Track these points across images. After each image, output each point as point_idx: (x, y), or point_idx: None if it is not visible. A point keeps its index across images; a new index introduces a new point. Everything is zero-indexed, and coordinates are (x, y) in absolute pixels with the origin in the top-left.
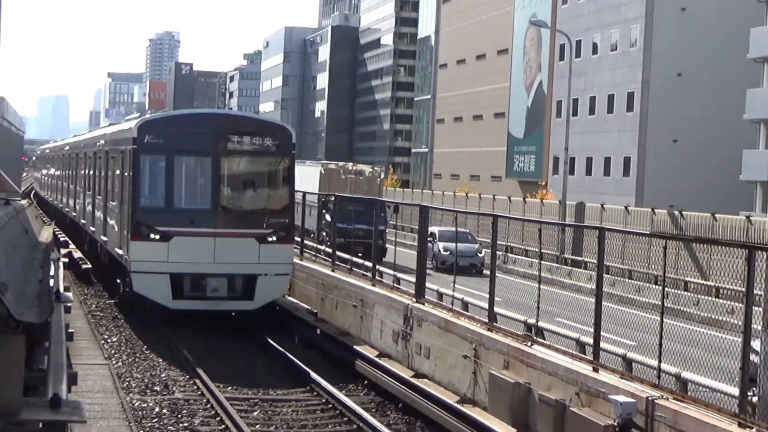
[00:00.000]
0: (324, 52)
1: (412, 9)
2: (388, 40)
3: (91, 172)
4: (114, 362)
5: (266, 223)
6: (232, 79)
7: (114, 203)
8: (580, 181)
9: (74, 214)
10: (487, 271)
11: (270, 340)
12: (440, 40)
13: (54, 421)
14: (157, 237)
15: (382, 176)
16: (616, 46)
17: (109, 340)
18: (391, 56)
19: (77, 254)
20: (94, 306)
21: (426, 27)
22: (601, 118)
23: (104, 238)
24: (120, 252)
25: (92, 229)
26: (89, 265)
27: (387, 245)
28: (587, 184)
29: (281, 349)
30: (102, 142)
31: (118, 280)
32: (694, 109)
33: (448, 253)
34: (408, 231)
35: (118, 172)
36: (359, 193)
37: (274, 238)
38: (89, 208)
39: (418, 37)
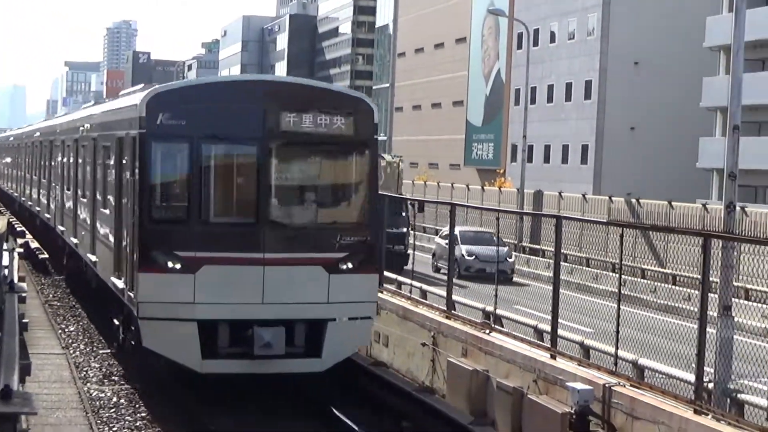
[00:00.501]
0: (282, 41)
1: None
2: (346, 28)
3: (72, 166)
4: (71, 352)
5: (339, 243)
6: (189, 68)
7: (107, 212)
8: (538, 169)
9: (47, 216)
10: (517, 279)
11: None
12: (398, 28)
13: (4, 413)
14: (178, 266)
15: (401, 166)
16: (573, 35)
17: (66, 330)
18: (349, 45)
19: (34, 244)
20: (51, 296)
21: (384, 15)
22: (559, 106)
23: (92, 258)
24: (119, 284)
25: (74, 240)
26: (46, 255)
27: (409, 251)
28: (545, 172)
29: None
30: (87, 126)
31: (116, 321)
32: (652, 97)
33: (473, 257)
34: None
35: (113, 167)
36: None
37: (350, 265)
38: (69, 210)
39: (376, 26)
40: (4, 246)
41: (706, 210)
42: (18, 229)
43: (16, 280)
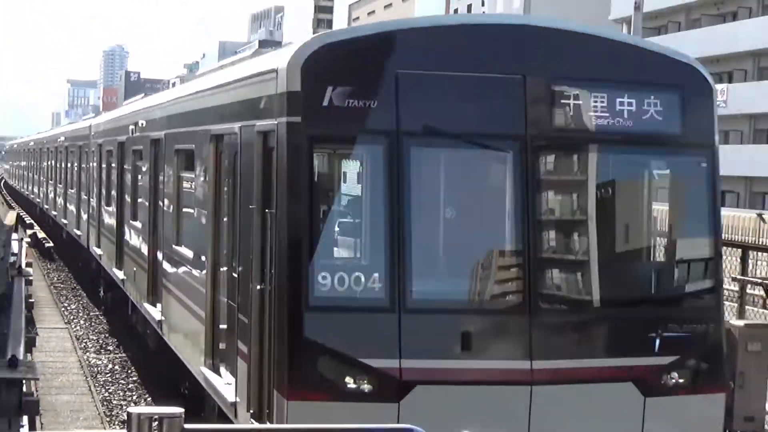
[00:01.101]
0: None
1: (327, 26)
2: None
3: (115, 178)
4: (73, 326)
5: (661, 337)
6: (174, 85)
7: (187, 253)
8: None
9: (78, 232)
10: None
11: None
12: None
13: (11, 379)
14: (366, 388)
15: None
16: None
17: (68, 308)
18: None
19: (41, 234)
20: (56, 279)
21: None
22: None
23: (155, 314)
24: (226, 393)
25: (120, 275)
26: (52, 244)
27: None
28: None
29: None
30: (141, 123)
31: None
32: None
33: None
34: None
35: (201, 183)
36: None
37: (681, 380)
38: (109, 231)
39: None
40: (14, 236)
41: None
42: (27, 221)
43: (23, 265)
